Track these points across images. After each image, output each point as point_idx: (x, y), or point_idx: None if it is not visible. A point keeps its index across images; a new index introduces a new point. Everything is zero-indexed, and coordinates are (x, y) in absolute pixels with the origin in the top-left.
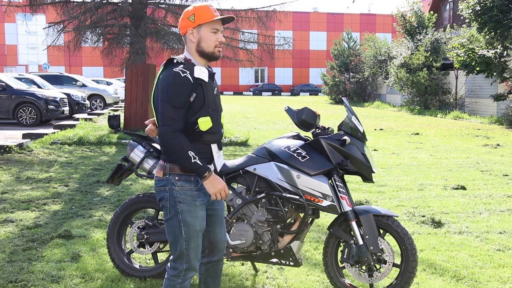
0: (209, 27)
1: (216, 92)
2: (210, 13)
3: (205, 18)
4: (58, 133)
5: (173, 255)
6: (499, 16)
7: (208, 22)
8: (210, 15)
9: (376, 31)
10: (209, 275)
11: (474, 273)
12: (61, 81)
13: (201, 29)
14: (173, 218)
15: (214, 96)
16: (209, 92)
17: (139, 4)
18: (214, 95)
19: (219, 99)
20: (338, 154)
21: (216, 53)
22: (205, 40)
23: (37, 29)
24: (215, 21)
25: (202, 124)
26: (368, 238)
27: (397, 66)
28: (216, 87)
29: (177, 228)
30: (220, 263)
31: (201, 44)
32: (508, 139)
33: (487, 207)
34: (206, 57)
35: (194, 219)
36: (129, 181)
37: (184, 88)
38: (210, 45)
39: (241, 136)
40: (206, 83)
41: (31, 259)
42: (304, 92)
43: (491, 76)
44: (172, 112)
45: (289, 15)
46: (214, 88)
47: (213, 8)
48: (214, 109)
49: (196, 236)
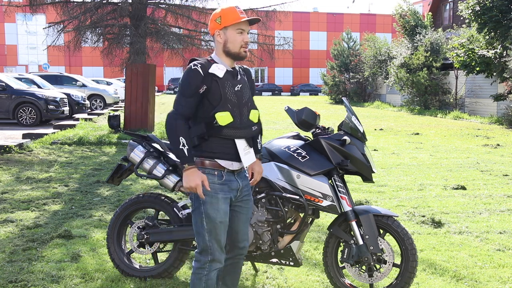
0: (235, 28)
1: (239, 88)
2: (236, 15)
3: (231, 20)
4: (58, 133)
5: (198, 248)
6: (499, 16)
7: (233, 24)
8: (236, 17)
9: (376, 31)
10: (228, 272)
11: (474, 273)
12: (61, 81)
13: (227, 31)
14: (196, 210)
15: (235, 92)
16: (226, 88)
17: (139, 4)
18: (234, 92)
19: (248, 96)
20: (338, 154)
21: (242, 53)
22: (231, 41)
23: (37, 29)
24: (240, 22)
25: (220, 118)
26: (368, 238)
27: (397, 66)
28: (242, 84)
29: (199, 220)
30: (240, 262)
31: (228, 44)
32: (508, 139)
33: (487, 207)
34: (232, 57)
35: (216, 212)
36: (129, 181)
37: (194, 79)
38: (236, 46)
39: None
40: (221, 79)
41: (31, 259)
42: (304, 92)
43: (491, 76)
44: (181, 99)
45: (289, 15)
46: (236, 85)
47: (239, 10)
48: (235, 104)
49: (217, 228)
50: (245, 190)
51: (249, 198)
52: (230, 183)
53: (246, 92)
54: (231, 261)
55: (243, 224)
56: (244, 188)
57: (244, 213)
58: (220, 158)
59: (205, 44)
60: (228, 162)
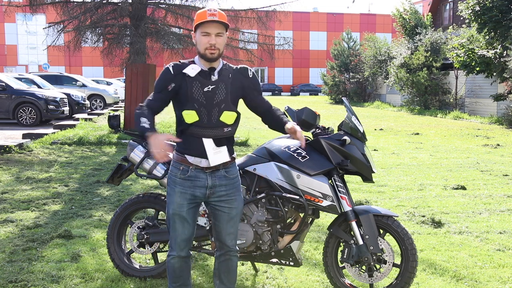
0: (200, 30)
1: (210, 89)
2: (203, 16)
3: (197, 21)
4: (58, 133)
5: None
6: (498, 16)
7: (200, 26)
8: (201, 18)
9: (376, 31)
10: (222, 270)
11: (474, 273)
12: (61, 81)
13: (196, 32)
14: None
15: (204, 92)
16: (194, 88)
17: (139, 4)
18: (203, 92)
19: (223, 97)
20: (338, 154)
21: (207, 55)
22: (198, 43)
23: (37, 29)
24: (205, 25)
25: (186, 116)
26: (368, 238)
27: (397, 66)
28: (215, 85)
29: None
30: (230, 260)
31: (197, 46)
32: (508, 139)
33: (487, 207)
34: (202, 58)
35: (171, 203)
36: (129, 181)
37: (163, 76)
38: (201, 47)
39: (241, 136)
40: (191, 79)
41: (31, 259)
42: (304, 92)
43: (491, 76)
44: (152, 94)
45: (289, 15)
46: (207, 85)
47: (210, 12)
48: (203, 104)
49: (171, 219)
50: (223, 190)
51: (233, 198)
52: (196, 180)
53: (220, 93)
54: (222, 259)
55: (226, 224)
56: (221, 188)
57: (226, 212)
58: (189, 154)
59: None
60: (197, 159)
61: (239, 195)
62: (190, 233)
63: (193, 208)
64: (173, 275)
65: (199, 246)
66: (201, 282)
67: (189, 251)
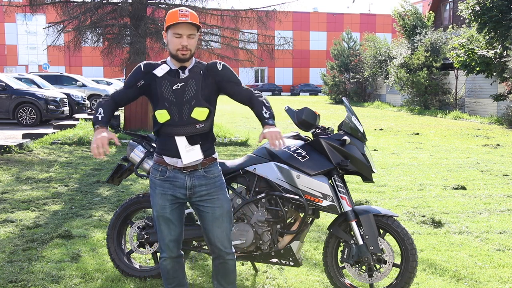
0: (172, 31)
1: (178, 87)
2: (175, 17)
3: (168, 22)
4: (58, 133)
5: None
6: (498, 16)
7: (171, 27)
8: (173, 20)
9: (376, 31)
10: (218, 273)
11: (474, 273)
12: (61, 81)
13: (168, 33)
14: None
15: (173, 90)
16: (163, 87)
17: (139, 4)
18: (172, 90)
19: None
20: (338, 154)
21: (179, 56)
22: (169, 43)
23: (37, 29)
24: (177, 26)
25: (159, 116)
26: (368, 238)
27: (397, 66)
28: (184, 83)
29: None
30: (226, 263)
31: (168, 46)
32: (508, 139)
33: (487, 207)
34: (175, 59)
35: (153, 205)
36: (129, 181)
37: (134, 73)
38: (173, 48)
39: (241, 136)
40: (159, 78)
41: (31, 259)
42: (304, 92)
43: (491, 76)
44: (121, 87)
45: (289, 15)
46: (176, 83)
47: (182, 13)
48: (173, 102)
49: (156, 221)
50: (204, 189)
51: (215, 197)
52: (175, 181)
53: (190, 90)
54: (217, 262)
55: (211, 224)
56: (202, 188)
57: (210, 212)
58: (165, 155)
59: (205, 44)
60: (173, 160)
61: (222, 194)
62: (177, 234)
63: (177, 208)
64: (167, 276)
65: (199, 246)
66: (201, 282)
67: (180, 251)
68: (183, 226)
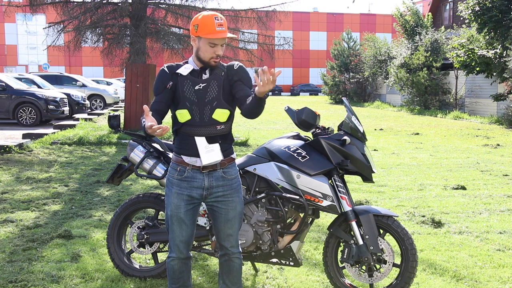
0: (208, 40)
1: (200, 87)
2: (213, 28)
3: (205, 33)
4: (58, 133)
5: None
6: (498, 16)
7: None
8: (211, 31)
9: (376, 31)
10: (223, 270)
11: (474, 273)
12: (61, 81)
13: (201, 40)
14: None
15: (195, 91)
16: (185, 87)
17: (139, 4)
18: (194, 90)
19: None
20: (338, 154)
21: (211, 63)
22: (202, 51)
23: (37, 29)
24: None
25: (179, 116)
26: (368, 238)
27: (397, 66)
28: (206, 83)
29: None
30: (231, 261)
31: (199, 52)
32: (508, 139)
33: (487, 207)
34: (202, 63)
35: (168, 204)
36: (129, 181)
37: (160, 78)
38: (207, 56)
39: (241, 136)
40: (182, 78)
41: (31, 259)
42: (304, 92)
43: (491, 76)
44: (154, 98)
45: (289, 15)
46: (198, 84)
47: (218, 22)
48: (195, 103)
49: (169, 220)
50: (221, 190)
51: (230, 200)
52: (193, 181)
53: (212, 91)
54: (223, 259)
55: (223, 225)
56: (218, 189)
57: (223, 213)
58: (184, 154)
59: None
60: (192, 159)
61: (237, 196)
62: (188, 235)
63: (191, 209)
64: (173, 276)
65: (199, 246)
66: (201, 282)
67: (189, 253)
68: (195, 228)
